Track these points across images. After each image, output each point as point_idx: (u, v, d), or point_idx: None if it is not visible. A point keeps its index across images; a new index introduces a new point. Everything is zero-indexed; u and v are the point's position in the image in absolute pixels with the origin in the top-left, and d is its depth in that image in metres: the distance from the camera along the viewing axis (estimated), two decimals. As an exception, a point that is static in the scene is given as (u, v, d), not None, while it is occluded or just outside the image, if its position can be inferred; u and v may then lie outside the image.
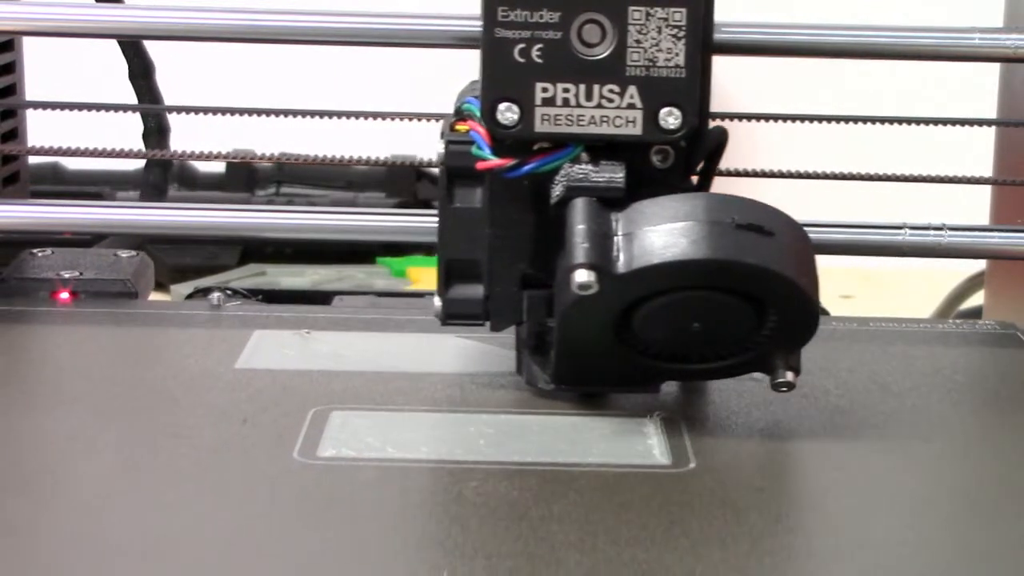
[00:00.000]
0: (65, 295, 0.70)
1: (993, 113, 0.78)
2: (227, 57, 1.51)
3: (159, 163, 0.90)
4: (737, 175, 0.69)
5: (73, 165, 1.54)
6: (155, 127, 0.86)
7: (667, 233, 0.54)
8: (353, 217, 0.71)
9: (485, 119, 0.56)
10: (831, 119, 0.69)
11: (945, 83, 1.37)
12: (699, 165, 0.59)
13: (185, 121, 0.79)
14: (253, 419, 0.56)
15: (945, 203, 0.78)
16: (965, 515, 0.51)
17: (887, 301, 1.49)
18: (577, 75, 0.56)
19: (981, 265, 0.86)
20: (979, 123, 0.71)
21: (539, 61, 0.56)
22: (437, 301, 0.59)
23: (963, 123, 0.69)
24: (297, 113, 0.70)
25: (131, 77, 0.85)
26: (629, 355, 0.56)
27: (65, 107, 0.70)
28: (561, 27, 0.56)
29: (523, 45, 0.56)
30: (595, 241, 0.54)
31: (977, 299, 0.90)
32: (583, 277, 0.53)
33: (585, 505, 0.50)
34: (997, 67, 0.77)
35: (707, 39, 0.57)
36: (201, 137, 0.79)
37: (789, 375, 0.55)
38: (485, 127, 0.56)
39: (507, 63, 0.56)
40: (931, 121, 0.69)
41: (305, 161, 0.71)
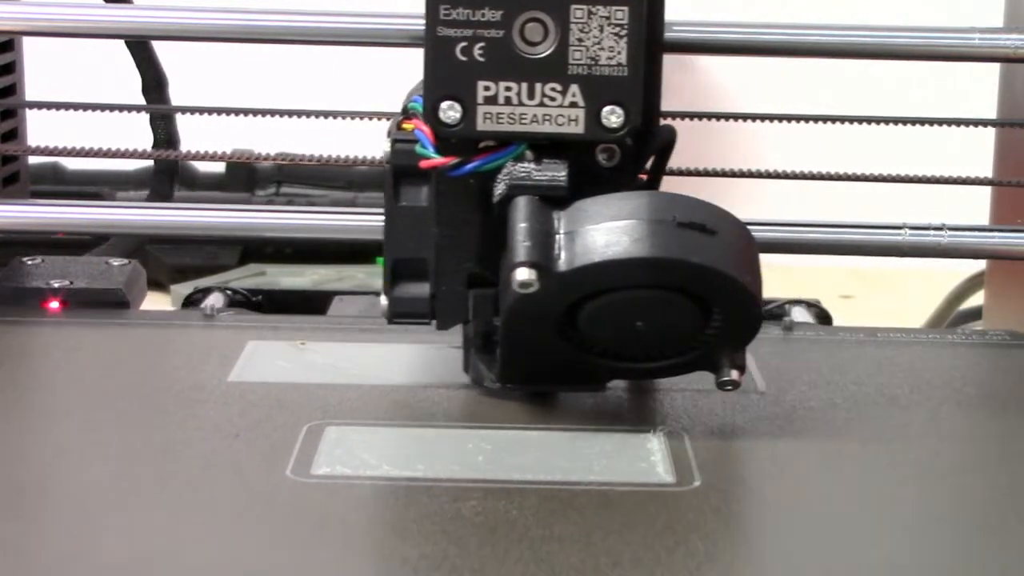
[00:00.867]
0: (55, 304, 0.68)
1: (993, 113, 0.78)
2: (227, 57, 1.51)
3: (166, 170, 0.90)
4: (738, 175, 0.69)
5: (73, 165, 1.54)
6: (164, 138, 0.86)
7: (609, 231, 0.53)
8: (353, 217, 0.71)
9: (428, 118, 0.56)
10: (831, 119, 0.69)
11: (945, 83, 1.37)
12: (648, 163, 0.59)
13: (185, 121, 0.79)
14: (245, 434, 0.54)
15: (945, 203, 0.78)
16: (977, 530, 0.50)
17: (887, 301, 1.49)
18: (519, 74, 0.56)
19: (981, 265, 0.86)
20: (979, 123, 0.71)
21: (481, 60, 0.56)
22: (383, 300, 0.58)
23: (963, 123, 0.69)
24: (297, 113, 0.70)
25: (144, 91, 0.86)
26: (575, 354, 0.56)
27: (65, 107, 0.70)
28: (503, 25, 0.56)
29: (465, 43, 0.56)
30: (536, 240, 0.54)
31: (977, 299, 0.90)
32: (524, 275, 0.53)
33: (586, 525, 0.48)
34: (997, 67, 0.77)
35: (656, 38, 0.57)
36: (202, 137, 0.79)
37: (734, 374, 0.55)
38: (429, 126, 0.56)
39: (449, 62, 0.56)
40: (931, 121, 0.69)
41: (305, 161, 0.71)
